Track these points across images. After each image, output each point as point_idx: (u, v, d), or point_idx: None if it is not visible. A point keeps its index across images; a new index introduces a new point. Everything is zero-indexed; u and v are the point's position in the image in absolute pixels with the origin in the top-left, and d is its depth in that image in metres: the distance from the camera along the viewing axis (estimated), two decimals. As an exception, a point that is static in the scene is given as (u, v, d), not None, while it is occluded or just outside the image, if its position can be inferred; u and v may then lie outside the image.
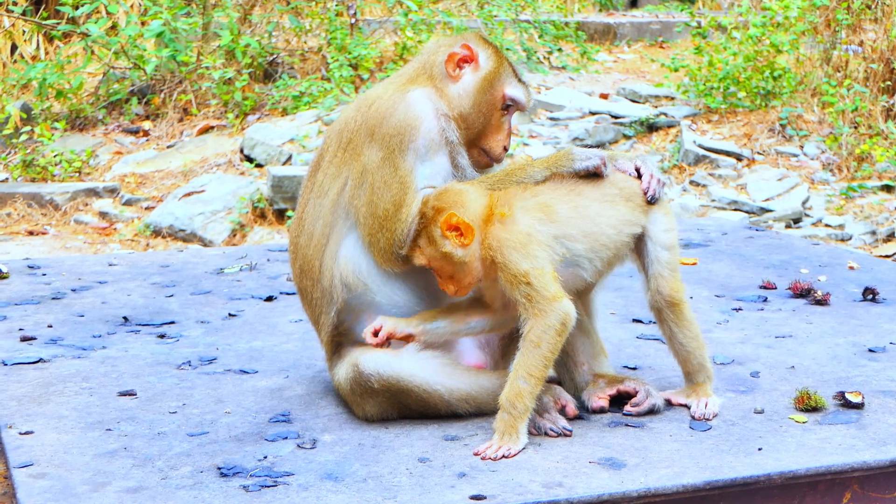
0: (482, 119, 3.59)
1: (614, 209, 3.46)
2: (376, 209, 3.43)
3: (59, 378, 3.97)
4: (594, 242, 3.41)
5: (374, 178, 3.45)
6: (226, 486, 3.02)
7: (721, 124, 11.31)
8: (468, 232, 3.31)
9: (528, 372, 3.25)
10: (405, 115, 3.47)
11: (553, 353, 3.28)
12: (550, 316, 3.25)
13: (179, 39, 11.80)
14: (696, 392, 3.59)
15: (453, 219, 3.31)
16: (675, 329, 3.55)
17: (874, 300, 4.97)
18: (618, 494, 2.98)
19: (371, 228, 3.45)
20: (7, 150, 11.41)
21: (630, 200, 3.49)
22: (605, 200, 3.45)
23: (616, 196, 3.47)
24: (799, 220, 9.35)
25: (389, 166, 3.44)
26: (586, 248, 3.40)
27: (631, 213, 3.48)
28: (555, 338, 3.27)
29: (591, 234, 3.41)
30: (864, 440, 3.32)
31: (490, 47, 3.66)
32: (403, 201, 3.42)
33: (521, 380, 3.25)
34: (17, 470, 3.13)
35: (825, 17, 11.84)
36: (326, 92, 11.53)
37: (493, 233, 3.32)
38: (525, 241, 3.29)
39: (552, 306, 3.25)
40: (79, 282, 5.49)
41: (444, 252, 3.33)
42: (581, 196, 3.43)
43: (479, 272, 3.37)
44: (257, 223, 9.63)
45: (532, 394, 3.26)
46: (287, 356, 4.23)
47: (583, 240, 3.39)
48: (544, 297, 3.25)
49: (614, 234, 3.45)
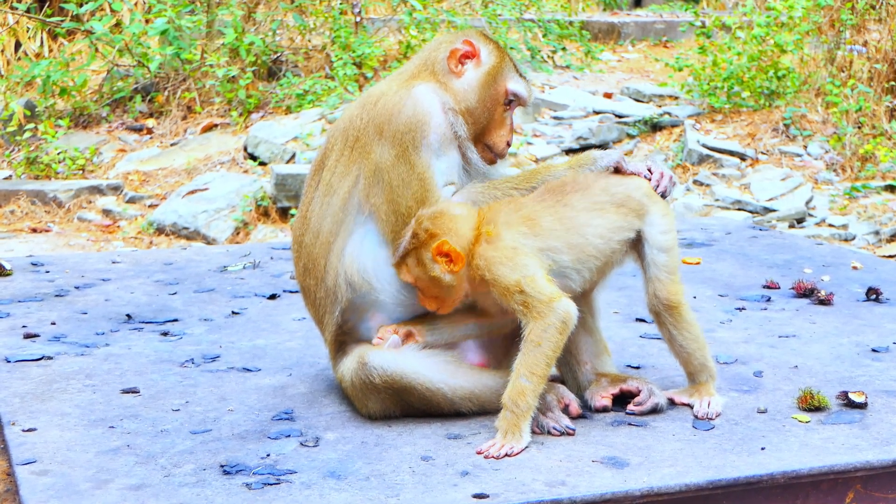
0: (486, 114, 3.60)
1: (603, 218, 3.44)
2: (399, 207, 3.45)
3: (62, 375, 3.97)
4: (580, 253, 3.40)
5: (390, 177, 3.45)
6: (229, 483, 3.02)
7: (725, 124, 11.30)
8: (458, 260, 3.35)
9: (530, 370, 3.25)
10: (413, 110, 3.47)
11: (555, 352, 3.29)
12: (550, 316, 3.26)
13: (183, 37, 11.80)
14: (699, 391, 3.58)
15: (445, 246, 3.33)
16: (675, 331, 3.55)
17: (877, 300, 4.97)
18: (621, 493, 2.98)
19: (395, 226, 3.46)
20: (11, 148, 11.42)
21: (623, 206, 3.47)
22: (593, 209, 3.43)
23: (606, 203, 3.45)
24: (802, 219, 9.34)
25: (405, 164, 3.44)
26: (572, 260, 3.39)
27: (622, 219, 3.46)
28: (556, 336, 3.27)
29: (577, 246, 3.40)
30: (868, 440, 3.32)
31: (491, 43, 3.67)
32: (426, 198, 3.44)
33: (524, 378, 3.25)
34: (20, 467, 3.14)
35: (829, 17, 11.83)
36: (330, 90, 11.53)
37: (479, 252, 3.34)
38: (511, 255, 3.32)
39: (550, 307, 3.26)
40: (82, 279, 5.49)
41: (431, 276, 3.37)
42: (567, 207, 3.42)
43: (462, 294, 3.42)
44: (261, 221, 9.64)
45: (535, 392, 3.26)
46: (290, 354, 4.23)
47: (568, 252, 3.38)
48: (541, 300, 3.26)
49: (602, 243, 3.43)
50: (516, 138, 10.74)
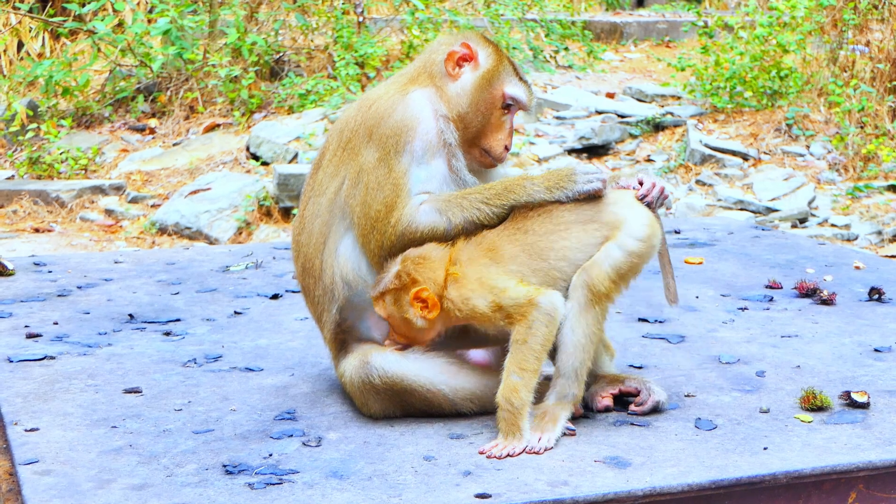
0: (480, 118, 3.56)
1: (566, 240, 3.36)
2: (369, 210, 3.43)
3: (64, 375, 3.97)
4: (545, 277, 3.35)
5: (369, 179, 3.44)
6: (231, 483, 3.02)
7: (727, 124, 11.30)
8: (434, 308, 3.36)
9: (519, 367, 3.25)
10: (403, 116, 3.45)
11: (543, 346, 3.27)
12: (533, 313, 3.25)
13: (186, 37, 11.82)
14: (544, 415, 3.31)
15: (424, 293, 3.34)
16: (574, 313, 3.30)
17: (880, 300, 4.96)
18: (623, 493, 2.98)
19: (364, 229, 3.45)
20: (13, 148, 11.43)
21: (591, 222, 3.37)
22: (554, 232, 3.36)
23: (571, 223, 3.37)
24: (805, 219, 9.34)
25: (385, 167, 3.43)
26: (539, 282, 3.34)
27: (588, 236, 3.36)
28: (542, 329, 3.26)
29: (541, 270, 3.35)
30: (870, 440, 3.32)
31: (490, 46, 3.63)
32: (395, 204, 3.40)
33: (514, 375, 3.25)
34: (23, 467, 3.14)
35: (832, 17, 11.83)
36: (333, 90, 11.54)
37: (449, 295, 3.35)
38: (476, 286, 3.33)
39: (532, 305, 3.25)
40: (84, 279, 5.49)
41: (405, 317, 3.39)
42: (528, 234, 3.37)
43: (433, 337, 3.44)
44: (263, 221, 9.64)
45: (527, 387, 3.25)
46: (292, 354, 4.23)
47: (532, 277, 3.35)
48: (520, 304, 3.26)
49: (566, 265, 3.36)
50: (518, 138, 10.73)
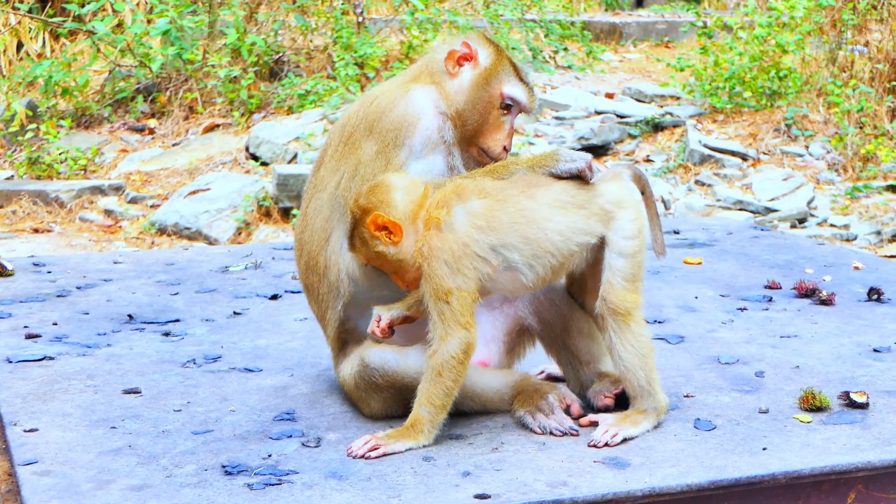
0: (478, 116, 3.56)
1: (564, 216, 3.32)
2: None
3: (63, 376, 3.97)
4: (537, 248, 3.28)
5: (365, 171, 3.45)
6: (230, 484, 3.03)
7: (726, 124, 11.31)
8: (396, 230, 3.26)
9: (429, 401, 3.23)
10: (404, 111, 3.47)
11: (455, 383, 3.24)
12: (454, 343, 3.20)
13: (185, 37, 11.81)
14: (627, 419, 3.35)
15: (379, 219, 3.25)
16: (615, 339, 3.33)
17: (879, 300, 4.96)
18: (622, 494, 2.98)
19: None
20: (13, 148, 11.43)
21: (583, 208, 3.34)
22: (555, 206, 3.32)
23: (568, 203, 3.33)
24: (804, 220, 9.34)
25: (382, 160, 3.44)
26: (527, 255, 3.28)
27: (583, 221, 3.33)
28: (456, 367, 3.21)
29: (534, 240, 3.28)
30: (869, 440, 3.32)
31: (491, 46, 3.64)
32: None
33: (423, 408, 3.24)
34: (22, 467, 3.14)
35: (831, 17, 11.83)
36: (332, 90, 11.54)
37: (426, 240, 3.24)
38: (459, 255, 3.21)
39: (459, 333, 3.20)
40: (84, 279, 5.49)
41: (377, 251, 3.30)
42: (531, 199, 3.31)
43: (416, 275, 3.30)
44: (262, 221, 9.64)
45: (432, 422, 3.24)
46: (292, 354, 4.23)
47: (523, 247, 3.27)
48: (457, 321, 3.20)
49: (560, 241, 3.31)
50: (518, 138, 10.73)
